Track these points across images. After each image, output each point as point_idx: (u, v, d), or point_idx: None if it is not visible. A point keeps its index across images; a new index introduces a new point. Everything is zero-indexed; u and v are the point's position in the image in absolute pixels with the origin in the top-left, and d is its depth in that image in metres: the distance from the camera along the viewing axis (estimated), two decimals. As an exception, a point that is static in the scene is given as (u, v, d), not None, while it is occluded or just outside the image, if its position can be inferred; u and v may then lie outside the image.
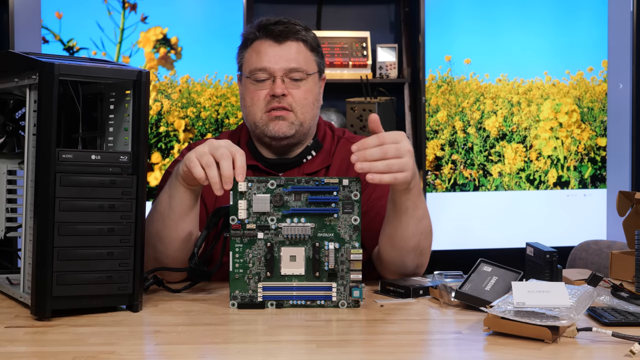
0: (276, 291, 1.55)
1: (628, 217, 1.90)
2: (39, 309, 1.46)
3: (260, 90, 1.91)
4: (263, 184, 1.55)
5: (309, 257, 1.55)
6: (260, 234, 1.55)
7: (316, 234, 1.55)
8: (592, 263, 2.46)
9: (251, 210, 1.54)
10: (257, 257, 1.55)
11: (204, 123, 3.90)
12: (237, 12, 3.90)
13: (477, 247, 3.96)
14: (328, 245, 1.54)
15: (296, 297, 1.55)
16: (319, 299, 1.55)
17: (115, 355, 1.26)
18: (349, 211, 1.55)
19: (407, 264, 1.76)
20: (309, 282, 1.55)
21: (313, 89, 1.94)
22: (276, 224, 1.55)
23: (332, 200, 1.54)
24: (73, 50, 3.72)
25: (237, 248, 1.55)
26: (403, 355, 1.28)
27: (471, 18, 4.04)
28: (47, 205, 1.45)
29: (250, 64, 1.92)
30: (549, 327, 1.31)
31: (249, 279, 1.55)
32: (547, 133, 4.07)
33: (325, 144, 1.99)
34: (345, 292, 1.55)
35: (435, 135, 4.01)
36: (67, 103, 1.60)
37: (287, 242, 1.55)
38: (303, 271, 1.55)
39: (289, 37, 1.91)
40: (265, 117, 1.90)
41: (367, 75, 3.93)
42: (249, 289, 1.55)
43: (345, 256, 1.55)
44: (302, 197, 1.55)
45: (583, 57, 4.09)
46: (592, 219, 4.11)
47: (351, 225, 1.55)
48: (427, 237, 1.75)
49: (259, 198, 1.55)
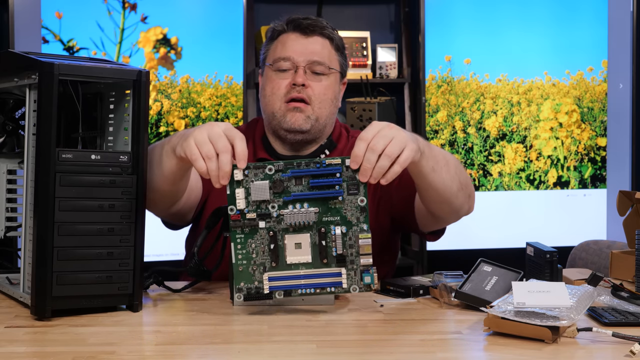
0: (283, 281, 1.47)
1: (628, 217, 1.90)
2: (39, 309, 1.46)
3: (281, 80, 1.92)
4: (260, 170, 1.48)
5: (315, 243, 1.48)
6: (262, 222, 1.47)
7: (321, 219, 1.48)
8: (592, 263, 2.46)
9: (250, 199, 1.47)
10: (261, 247, 1.48)
11: (203, 123, 3.90)
12: (237, 12, 3.89)
13: (477, 247, 3.96)
14: (335, 230, 1.47)
15: (304, 286, 1.48)
16: (329, 286, 1.48)
17: (115, 355, 1.26)
18: (354, 192, 1.47)
19: (461, 206, 1.76)
20: (317, 269, 1.48)
21: (333, 87, 1.95)
22: (277, 212, 1.48)
23: (335, 183, 1.47)
24: (73, 50, 3.72)
25: (238, 239, 1.48)
26: (403, 355, 1.28)
27: (471, 18, 4.03)
28: (47, 205, 1.45)
29: (275, 54, 1.94)
30: (549, 327, 1.31)
31: (253, 270, 1.48)
32: (547, 133, 4.07)
33: (340, 144, 2.00)
34: (356, 277, 1.48)
35: (435, 135, 4.01)
36: (67, 103, 1.60)
37: (290, 230, 1.48)
38: (310, 258, 1.48)
39: (316, 32, 1.94)
40: (283, 107, 1.91)
41: (367, 75, 3.93)
42: (255, 280, 1.47)
43: (354, 239, 1.48)
44: (303, 182, 1.48)
45: (583, 57, 4.09)
46: (592, 219, 4.10)
47: (357, 206, 1.48)
48: (461, 171, 1.74)
49: (257, 185, 1.47)
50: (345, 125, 2.07)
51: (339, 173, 1.47)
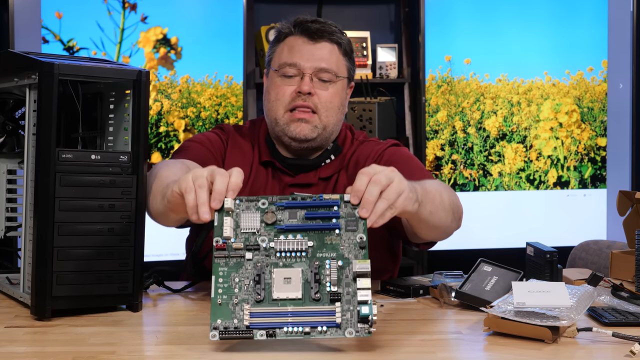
0: (267, 318, 1.27)
1: (628, 217, 1.90)
2: (39, 309, 1.46)
3: (287, 86, 1.87)
4: (253, 203, 1.34)
5: (307, 280, 1.29)
6: (249, 254, 1.31)
7: (315, 254, 1.31)
8: (592, 263, 2.46)
9: (239, 230, 1.32)
10: (245, 281, 1.30)
11: (204, 123, 3.89)
12: (237, 12, 3.89)
13: (477, 247, 3.96)
14: (330, 264, 1.30)
15: (292, 324, 1.27)
16: (320, 325, 1.27)
17: (115, 355, 1.26)
18: (353, 229, 1.32)
19: (452, 229, 1.75)
20: (308, 307, 1.28)
21: (340, 93, 1.91)
22: (268, 244, 1.32)
23: (332, 216, 1.33)
24: (73, 50, 3.72)
25: (220, 272, 1.30)
26: (403, 355, 1.28)
27: (471, 18, 4.03)
28: (47, 205, 1.45)
29: (280, 58, 1.89)
30: (549, 327, 1.31)
31: (234, 305, 1.28)
32: (547, 133, 4.07)
33: (345, 147, 1.96)
34: (353, 319, 1.27)
35: (435, 135, 4.01)
36: (67, 103, 1.60)
37: (280, 264, 1.31)
38: (300, 294, 1.28)
39: (324, 37, 1.88)
40: (287, 117, 1.86)
41: (367, 75, 3.93)
42: (234, 318, 1.28)
43: (351, 277, 1.29)
44: (298, 215, 1.33)
45: (583, 57, 4.09)
46: (592, 219, 4.10)
47: (356, 243, 1.31)
48: (453, 199, 1.71)
49: (248, 216, 1.33)
50: (349, 126, 2.03)
51: (337, 206, 1.34)
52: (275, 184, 1.91)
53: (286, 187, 1.90)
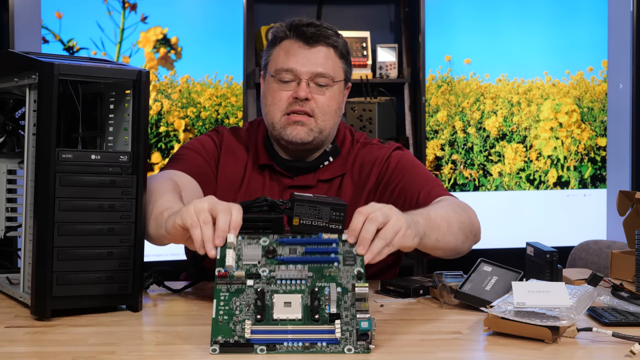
0: (267, 334, 1.29)
1: (628, 217, 1.90)
2: (39, 309, 1.46)
3: (283, 91, 1.87)
4: (255, 240, 1.39)
5: (307, 304, 1.33)
6: (250, 281, 1.35)
7: (314, 284, 1.35)
8: (592, 263, 2.46)
9: (240, 263, 1.37)
10: (245, 304, 1.33)
11: (204, 123, 3.89)
12: (237, 12, 3.89)
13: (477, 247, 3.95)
14: (329, 289, 1.34)
15: (292, 340, 1.29)
16: (320, 342, 1.29)
17: (115, 355, 1.26)
18: (351, 263, 1.37)
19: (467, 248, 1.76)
20: (307, 326, 1.31)
21: (337, 97, 1.90)
22: (268, 274, 1.36)
23: (331, 251, 1.38)
24: (73, 50, 3.72)
25: (222, 297, 1.33)
26: (403, 355, 1.28)
27: (471, 18, 4.03)
28: (47, 205, 1.45)
29: (277, 63, 1.88)
30: (549, 327, 1.31)
31: (235, 324, 1.30)
32: (547, 133, 4.07)
33: (344, 149, 1.95)
34: (352, 338, 1.29)
35: (435, 135, 4.01)
36: (67, 103, 1.60)
37: (280, 290, 1.34)
38: (300, 316, 1.31)
39: (320, 41, 1.87)
40: (284, 120, 1.86)
41: (367, 75, 3.93)
42: (235, 335, 1.29)
43: (350, 303, 1.32)
44: (298, 251, 1.39)
45: (583, 57, 4.09)
46: (592, 219, 4.10)
47: (354, 276, 1.36)
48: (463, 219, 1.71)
49: (249, 249, 1.38)
50: (349, 128, 2.03)
51: (335, 243, 1.39)
52: (274, 185, 1.91)
53: (285, 189, 1.90)
